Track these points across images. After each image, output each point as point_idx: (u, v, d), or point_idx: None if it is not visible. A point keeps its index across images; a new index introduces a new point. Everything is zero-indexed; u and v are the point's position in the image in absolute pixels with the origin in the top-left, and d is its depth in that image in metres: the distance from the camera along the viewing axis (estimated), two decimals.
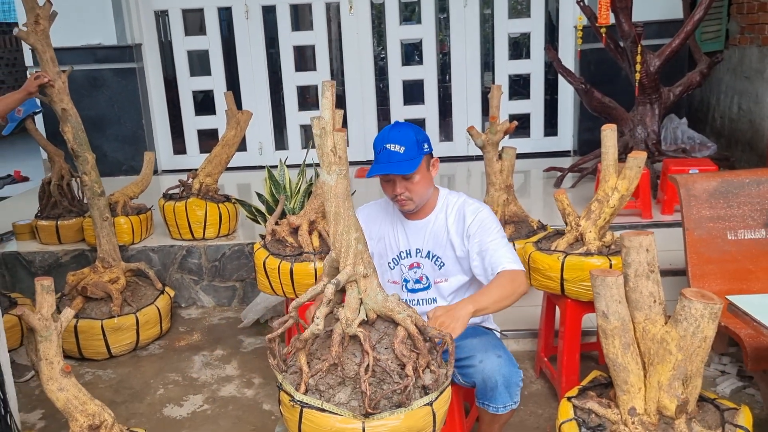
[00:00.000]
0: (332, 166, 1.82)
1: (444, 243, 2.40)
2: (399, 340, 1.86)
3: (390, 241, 2.46)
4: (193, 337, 3.89)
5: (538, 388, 3.12)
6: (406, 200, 2.31)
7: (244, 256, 4.22)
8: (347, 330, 1.86)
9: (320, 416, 1.79)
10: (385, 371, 1.84)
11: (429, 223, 2.42)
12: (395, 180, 2.28)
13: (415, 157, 2.25)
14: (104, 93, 6.09)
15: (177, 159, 6.56)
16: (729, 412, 2.21)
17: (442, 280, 2.44)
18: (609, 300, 2.11)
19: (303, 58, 6.63)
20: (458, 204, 2.42)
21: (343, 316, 1.87)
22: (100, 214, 3.65)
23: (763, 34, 5.18)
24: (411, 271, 2.45)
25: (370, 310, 1.90)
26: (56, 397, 2.23)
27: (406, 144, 2.24)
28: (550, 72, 6.34)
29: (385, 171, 2.25)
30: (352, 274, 1.87)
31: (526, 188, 5.51)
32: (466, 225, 2.37)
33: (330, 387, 1.85)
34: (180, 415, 3.07)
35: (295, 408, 1.83)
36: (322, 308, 1.87)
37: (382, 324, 1.93)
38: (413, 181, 2.28)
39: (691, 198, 3.01)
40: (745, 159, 5.44)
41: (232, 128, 4.29)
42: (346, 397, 1.83)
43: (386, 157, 2.25)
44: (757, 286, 2.92)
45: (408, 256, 2.44)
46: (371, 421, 1.77)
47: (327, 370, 1.85)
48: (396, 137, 2.25)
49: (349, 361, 1.86)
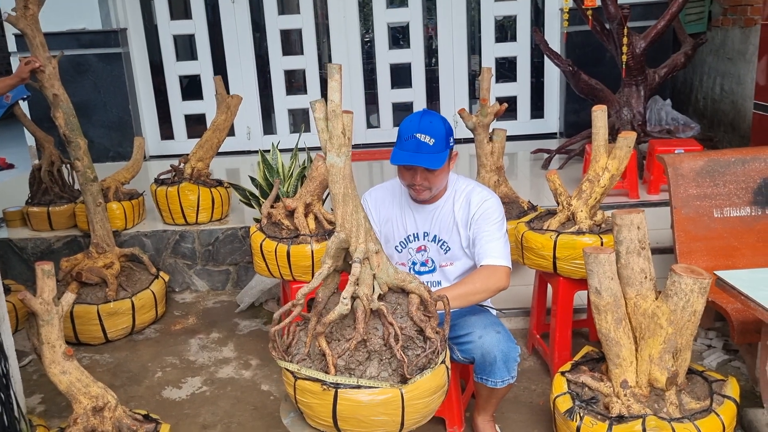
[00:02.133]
0: (342, 148, 1.86)
1: (450, 228, 2.43)
2: (415, 307, 1.96)
3: (397, 224, 2.49)
4: (188, 320, 3.92)
5: (530, 364, 3.20)
6: (424, 190, 2.33)
7: (238, 240, 4.24)
8: (371, 306, 1.92)
9: (357, 393, 1.86)
10: (409, 338, 1.94)
11: (437, 208, 2.45)
12: (417, 170, 2.28)
13: (443, 150, 2.25)
14: (89, 78, 6.03)
15: (165, 144, 6.53)
16: (717, 383, 2.29)
17: (448, 263, 2.48)
18: (601, 277, 2.17)
19: (290, 42, 6.62)
20: (466, 191, 2.44)
21: (362, 293, 1.92)
22: (94, 200, 3.65)
23: (746, 15, 5.26)
24: (418, 254, 2.49)
25: (383, 283, 1.97)
26: (59, 380, 2.25)
27: (437, 137, 2.23)
28: (536, 54, 6.38)
29: (414, 162, 2.23)
30: (366, 250, 1.92)
31: (513, 170, 5.57)
32: (470, 213, 2.40)
33: (360, 363, 1.92)
34: (179, 396, 3.11)
35: (327, 392, 1.86)
36: (349, 288, 1.90)
37: (392, 296, 2.01)
38: (435, 174, 2.29)
39: (678, 177, 3.08)
40: (727, 139, 5.53)
41: (223, 113, 4.29)
42: (376, 370, 1.91)
43: (415, 146, 2.22)
44: (743, 262, 3.00)
45: (416, 239, 2.48)
46: (407, 387, 1.88)
47: (354, 348, 1.91)
48: (427, 128, 2.23)
49: (372, 335, 1.94)
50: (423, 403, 1.93)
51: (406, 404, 1.88)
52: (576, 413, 2.21)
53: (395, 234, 2.50)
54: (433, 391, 1.95)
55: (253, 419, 2.90)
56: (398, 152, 2.26)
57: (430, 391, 1.94)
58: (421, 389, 1.90)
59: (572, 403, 2.26)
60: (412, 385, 1.88)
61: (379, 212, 2.50)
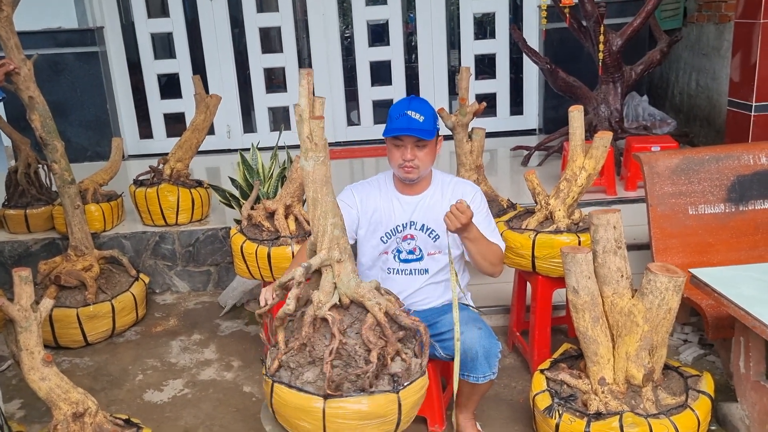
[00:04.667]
0: (309, 153, 1.87)
1: (439, 217, 2.46)
2: (367, 326, 1.92)
3: (384, 214, 2.53)
4: (169, 322, 3.90)
5: (510, 361, 3.23)
6: (413, 168, 2.41)
7: (218, 240, 4.23)
8: (317, 312, 1.92)
9: (287, 392, 1.90)
10: (351, 355, 1.91)
11: (425, 198, 2.52)
12: (408, 146, 2.38)
13: (433, 129, 2.39)
14: (66, 78, 5.96)
15: (143, 144, 6.48)
16: (692, 378, 2.34)
17: (436, 252, 2.53)
18: (579, 276, 2.21)
19: (269, 40, 6.59)
20: (452, 183, 2.56)
21: (316, 299, 1.94)
22: (71, 202, 3.62)
23: (720, 11, 5.33)
24: (405, 242, 2.53)
25: (343, 294, 1.97)
26: (38, 387, 2.24)
27: (426, 115, 2.39)
28: (515, 51, 6.41)
29: (407, 132, 2.35)
30: (326, 258, 1.93)
31: (493, 166, 5.61)
32: None
33: (299, 365, 1.93)
34: (161, 399, 3.10)
35: (267, 382, 1.95)
36: (294, 290, 1.94)
37: (356, 309, 2.00)
38: (424, 151, 2.40)
39: (654, 175, 3.13)
40: (703, 134, 5.61)
41: (202, 112, 4.27)
42: (314, 376, 1.91)
43: (406, 123, 2.36)
44: (717, 258, 3.06)
45: (403, 229, 2.53)
46: (332, 401, 1.84)
47: (298, 349, 1.94)
48: (418, 107, 2.40)
49: (320, 342, 1.94)
50: (348, 426, 1.86)
51: (327, 419, 1.84)
52: (555, 410, 2.25)
53: (383, 224, 2.54)
54: (362, 416, 1.85)
55: (236, 421, 2.90)
56: (391, 128, 2.40)
57: (357, 415, 1.85)
58: (347, 410, 1.84)
59: (551, 401, 2.29)
60: (338, 402, 1.84)
61: (365, 203, 2.54)
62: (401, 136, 2.37)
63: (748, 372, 2.42)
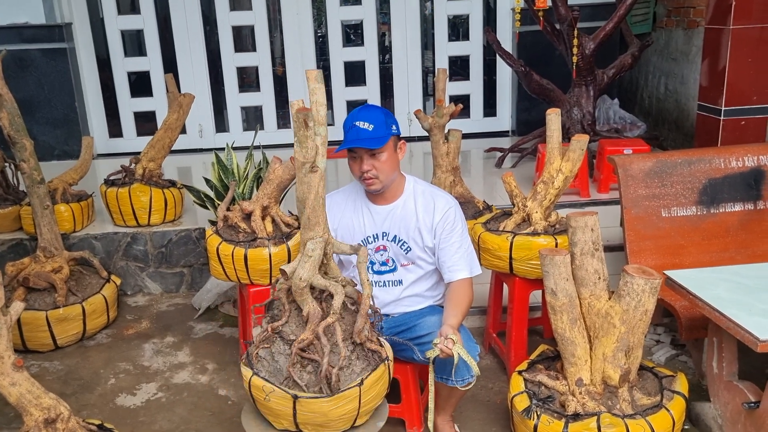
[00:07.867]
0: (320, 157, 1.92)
1: (412, 229, 2.46)
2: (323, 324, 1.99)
3: (355, 226, 2.51)
4: (141, 325, 3.84)
5: (487, 363, 3.24)
6: (373, 179, 2.37)
7: (192, 241, 4.17)
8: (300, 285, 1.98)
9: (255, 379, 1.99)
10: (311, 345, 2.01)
11: (397, 208, 2.48)
12: (362, 157, 2.35)
13: (383, 135, 2.33)
14: (33, 74, 5.83)
15: (113, 143, 6.36)
16: (667, 379, 2.38)
17: (409, 263, 2.51)
18: (557, 278, 2.22)
19: (242, 39, 6.52)
20: (427, 193, 2.49)
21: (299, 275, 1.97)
22: (41, 202, 3.53)
23: (689, 17, 5.43)
24: (377, 253, 2.51)
25: None
26: (9, 393, 2.18)
27: (375, 123, 2.33)
28: (489, 53, 6.45)
29: (353, 145, 2.32)
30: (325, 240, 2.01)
31: (467, 168, 5.63)
32: (435, 221, 2.45)
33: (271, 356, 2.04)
34: (134, 404, 3.05)
35: None
36: None
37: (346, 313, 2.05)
38: (380, 160, 2.35)
39: (628, 178, 3.17)
40: (672, 137, 5.71)
41: (175, 111, 4.21)
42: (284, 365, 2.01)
43: (355, 135, 2.32)
44: (689, 260, 3.11)
45: (375, 240, 2.50)
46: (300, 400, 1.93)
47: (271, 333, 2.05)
48: (365, 116, 2.34)
49: None
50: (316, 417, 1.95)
51: (298, 412, 1.94)
52: (533, 412, 2.26)
53: (354, 235, 2.51)
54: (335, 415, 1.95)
55: (211, 425, 2.86)
56: (343, 141, 2.37)
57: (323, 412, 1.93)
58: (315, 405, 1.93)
59: (529, 402, 2.31)
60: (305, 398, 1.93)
61: (333, 215, 2.50)
62: (354, 149, 2.35)
63: (720, 372, 2.47)
